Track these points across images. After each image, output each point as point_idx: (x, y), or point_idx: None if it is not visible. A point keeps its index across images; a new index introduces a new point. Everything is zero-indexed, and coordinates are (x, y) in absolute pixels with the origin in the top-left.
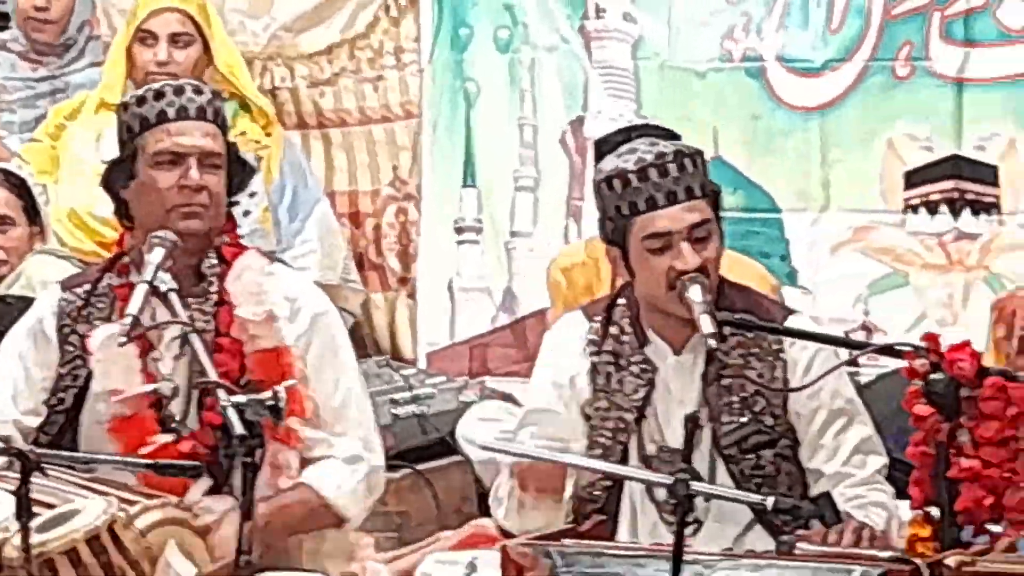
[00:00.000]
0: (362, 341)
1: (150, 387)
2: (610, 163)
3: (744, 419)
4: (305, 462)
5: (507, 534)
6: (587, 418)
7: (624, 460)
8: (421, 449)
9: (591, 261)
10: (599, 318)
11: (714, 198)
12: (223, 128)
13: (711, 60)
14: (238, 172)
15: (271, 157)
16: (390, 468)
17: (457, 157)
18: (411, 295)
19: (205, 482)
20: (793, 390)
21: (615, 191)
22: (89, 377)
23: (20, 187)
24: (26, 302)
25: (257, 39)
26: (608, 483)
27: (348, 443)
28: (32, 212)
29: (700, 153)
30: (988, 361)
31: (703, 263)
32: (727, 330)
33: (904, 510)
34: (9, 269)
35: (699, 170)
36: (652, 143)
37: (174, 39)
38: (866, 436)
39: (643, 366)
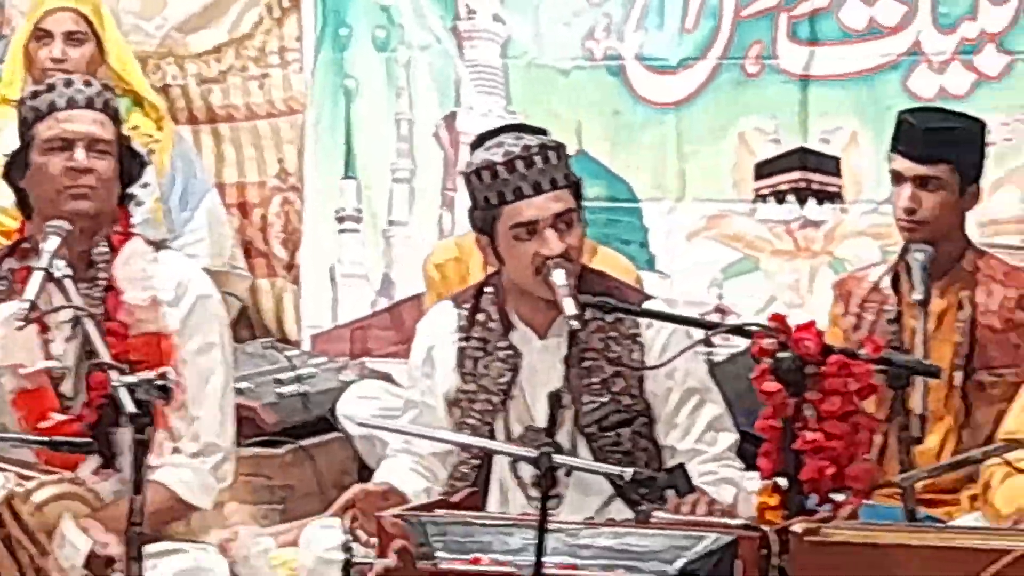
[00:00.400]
0: (250, 324)
1: (52, 364)
2: (479, 156)
3: (604, 399)
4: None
5: None
6: (457, 402)
7: (490, 434)
8: (304, 426)
9: (463, 257)
10: (467, 305)
11: (576, 188)
12: (114, 118)
13: (574, 59)
14: (130, 163)
15: (163, 150)
16: (274, 444)
17: (338, 151)
18: (295, 281)
19: (94, 460)
20: (649, 368)
21: (484, 182)
22: None
23: None
24: None
25: (150, 39)
26: (477, 461)
27: (202, 431)
28: None
29: (563, 146)
30: (831, 339)
31: (567, 249)
32: (588, 314)
33: (754, 481)
34: None
35: (562, 162)
36: (518, 137)
37: (69, 37)
38: (718, 414)
39: (508, 351)
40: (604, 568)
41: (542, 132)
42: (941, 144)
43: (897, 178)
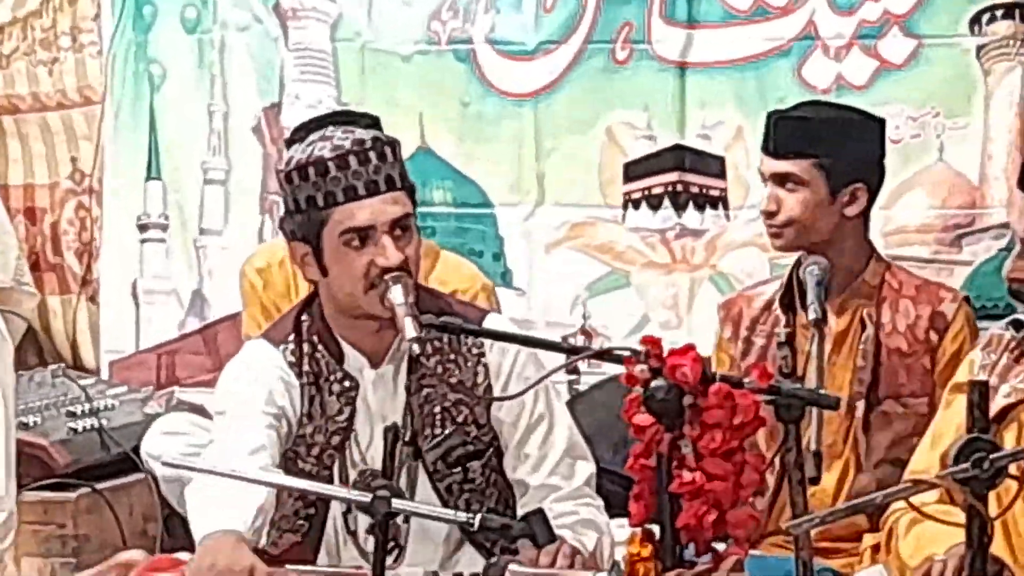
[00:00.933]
0: (38, 349)
1: None
2: (301, 151)
3: (447, 430)
4: None
5: None
6: (294, 447)
7: (329, 475)
8: (102, 466)
9: (288, 261)
10: (291, 338)
11: (411, 192)
12: None
13: (416, 42)
14: None
15: None
16: (67, 488)
17: (141, 147)
18: (92, 298)
19: None
20: (498, 399)
21: (309, 180)
22: None
23: None
24: None
25: None
26: (311, 511)
27: None
28: None
29: (396, 142)
30: (717, 367)
31: (405, 260)
32: (425, 335)
33: (623, 528)
34: None
35: (398, 160)
36: (347, 130)
37: None
38: (571, 440)
39: (344, 383)
40: None
41: (372, 122)
42: (798, 137)
43: (762, 179)
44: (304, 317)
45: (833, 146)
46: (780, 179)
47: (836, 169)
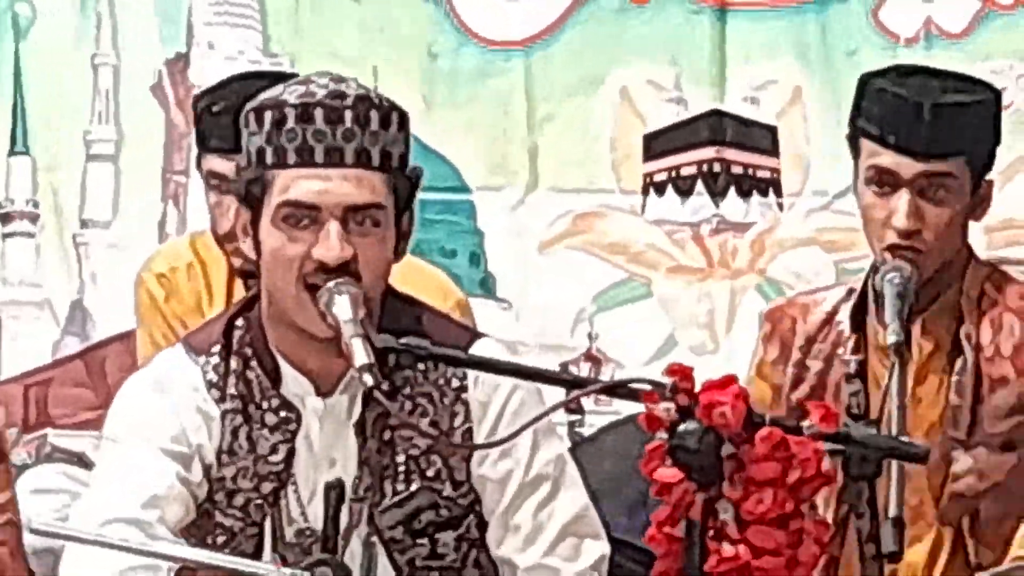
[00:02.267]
0: None
1: None
2: (274, 91)
3: (413, 487)
4: None
5: None
6: (210, 494)
7: (260, 550)
8: None
9: (199, 264)
10: (217, 349)
11: (410, 182)
12: None
13: None
14: None
15: None
16: None
17: (2, 113)
18: None
19: None
20: (481, 447)
21: (263, 127)
22: None
23: None
24: None
25: None
26: None
27: None
28: None
29: (402, 114)
30: (759, 403)
31: (351, 260)
32: (392, 362)
33: None
34: None
35: (390, 133)
36: (339, 79)
37: None
38: (580, 512)
39: (280, 414)
40: None
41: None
42: (955, 129)
43: (880, 179)
44: (239, 323)
45: (979, 135)
46: (924, 185)
47: (977, 165)
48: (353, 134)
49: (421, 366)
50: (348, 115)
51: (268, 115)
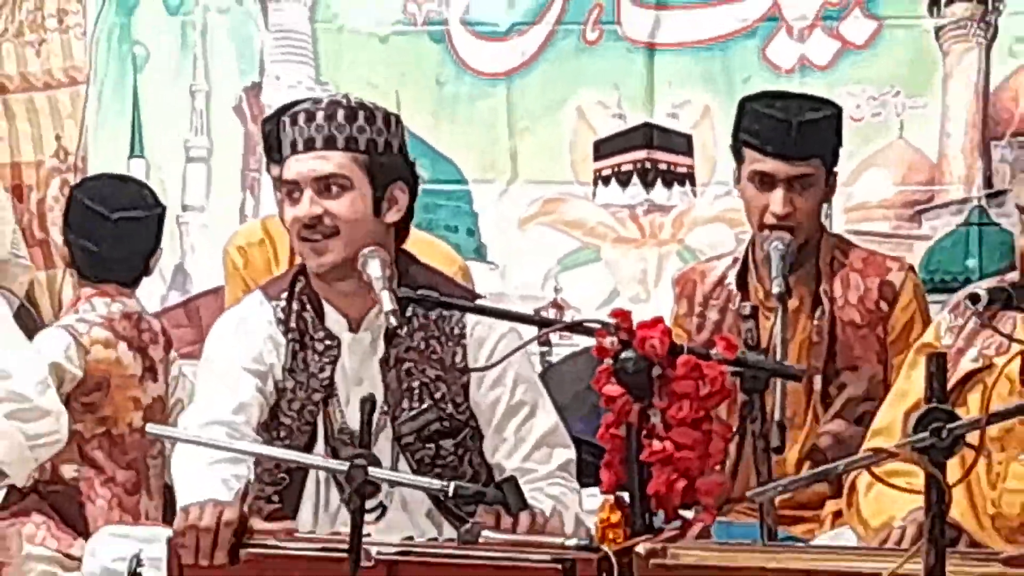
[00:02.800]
0: (25, 324)
1: None
2: (293, 108)
3: (424, 406)
4: None
5: None
6: (275, 401)
7: (312, 442)
8: None
9: (268, 240)
10: (284, 295)
11: (396, 165)
12: None
13: (393, 23)
14: None
15: None
16: None
17: (124, 126)
18: None
19: None
20: (474, 370)
21: (282, 131)
22: None
23: None
24: None
25: None
26: (287, 476)
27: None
28: None
29: (370, 112)
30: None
31: (327, 215)
32: (409, 311)
33: (594, 497)
34: None
35: (355, 125)
36: (334, 96)
37: None
38: (551, 428)
39: (327, 342)
40: None
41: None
42: (813, 138)
43: (761, 179)
44: (300, 276)
45: (831, 140)
46: (793, 181)
47: (829, 162)
48: (321, 127)
49: (433, 315)
50: (320, 114)
51: (283, 122)
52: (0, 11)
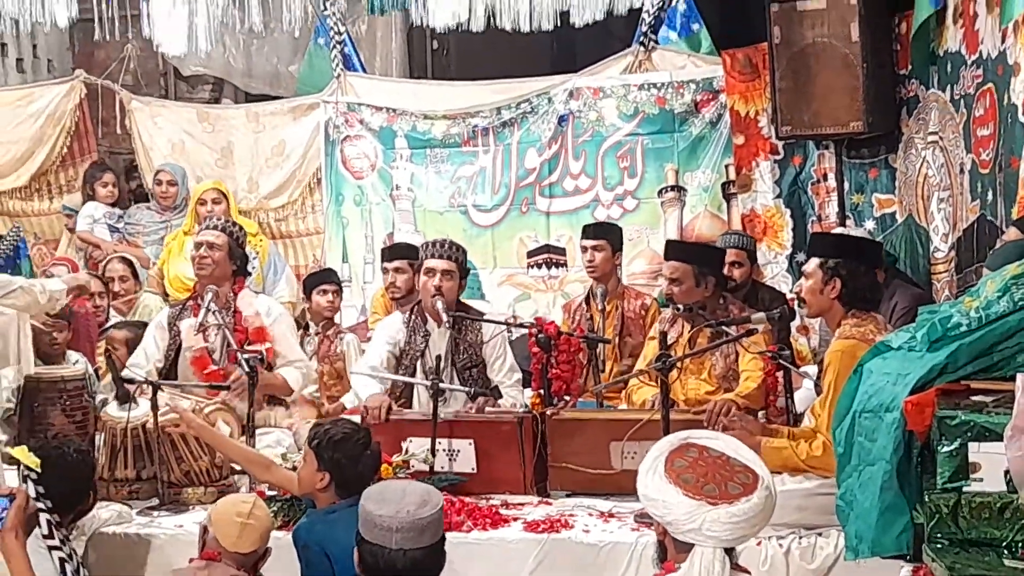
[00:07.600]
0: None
1: (206, 344)
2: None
3: (464, 357)
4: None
5: None
6: (401, 356)
7: (414, 374)
8: None
9: (382, 297)
10: (407, 313)
11: (460, 264)
12: (228, 234)
13: (451, 208)
14: (239, 256)
15: (262, 250)
16: None
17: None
18: None
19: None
20: (485, 343)
21: (425, 250)
22: (180, 343)
23: (132, 265)
24: (143, 323)
25: (249, 199)
26: (405, 391)
27: (293, 363)
28: (135, 276)
29: (457, 247)
30: (564, 328)
31: (441, 287)
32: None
33: (529, 392)
34: (129, 304)
35: (454, 249)
36: (449, 242)
37: (214, 201)
38: (512, 365)
39: (424, 332)
40: None
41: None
42: (602, 233)
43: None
44: (416, 306)
45: (614, 237)
46: (595, 248)
47: (615, 246)
48: (443, 244)
49: (467, 323)
50: (446, 242)
51: (426, 245)
52: (289, 205)
